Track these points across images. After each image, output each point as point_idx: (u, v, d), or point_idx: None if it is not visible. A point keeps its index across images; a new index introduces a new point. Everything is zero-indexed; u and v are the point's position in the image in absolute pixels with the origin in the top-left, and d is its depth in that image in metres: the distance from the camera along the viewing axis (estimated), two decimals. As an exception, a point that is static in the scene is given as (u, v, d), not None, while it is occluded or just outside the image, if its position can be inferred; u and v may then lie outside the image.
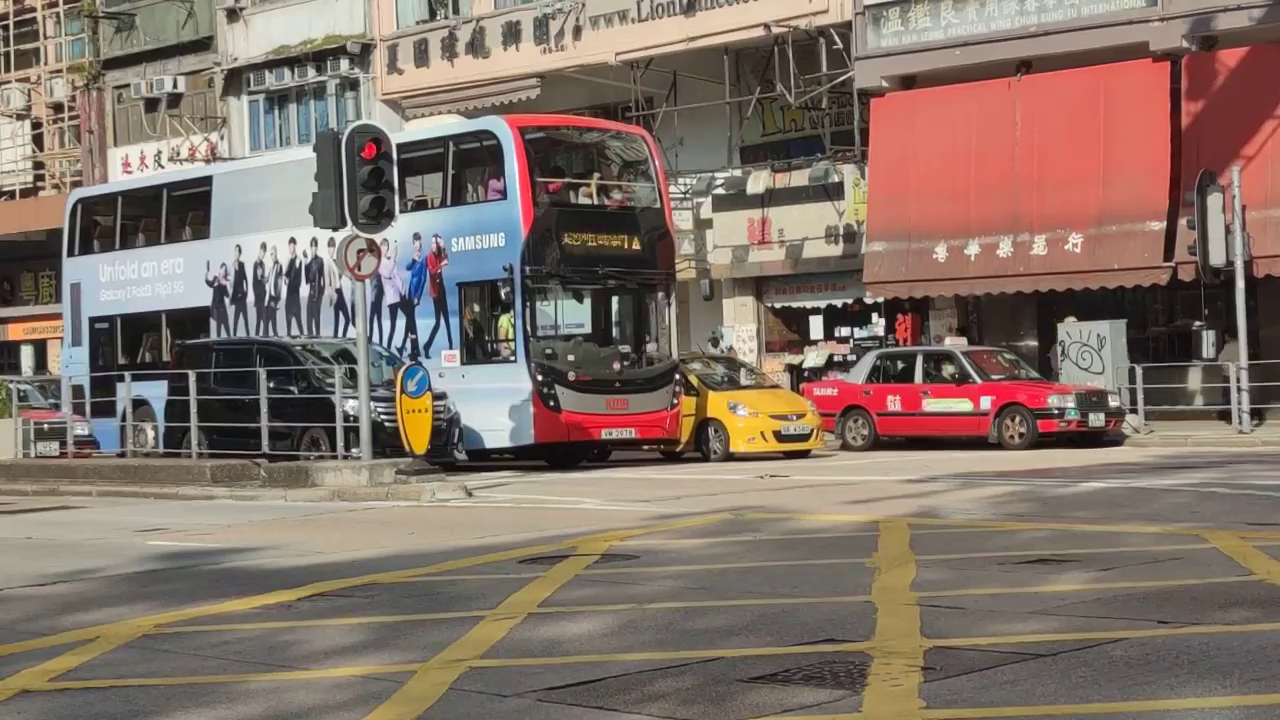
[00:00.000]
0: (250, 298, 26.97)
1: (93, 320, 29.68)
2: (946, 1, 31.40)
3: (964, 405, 26.35)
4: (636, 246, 24.59)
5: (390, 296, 24.64)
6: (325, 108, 39.74)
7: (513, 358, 23.19)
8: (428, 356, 23.85)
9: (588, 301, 24.54)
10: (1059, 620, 9.70)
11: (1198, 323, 29.19)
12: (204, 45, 42.92)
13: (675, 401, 24.19)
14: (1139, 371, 28.50)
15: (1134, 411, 28.01)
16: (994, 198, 28.65)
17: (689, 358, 27.85)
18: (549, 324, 23.16)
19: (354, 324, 23.29)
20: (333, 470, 22.53)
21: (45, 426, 28.10)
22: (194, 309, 27.61)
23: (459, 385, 23.23)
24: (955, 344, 29.73)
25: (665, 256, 25.19)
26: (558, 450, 23.18)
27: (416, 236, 24.37)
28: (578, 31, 34.87)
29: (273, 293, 26.77)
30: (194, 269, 26.94)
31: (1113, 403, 27.22)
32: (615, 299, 25.06)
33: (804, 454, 25.65)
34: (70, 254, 30.76)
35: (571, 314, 24.03)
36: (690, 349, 30.66)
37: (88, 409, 28.28)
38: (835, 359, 34.18)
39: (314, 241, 25.24)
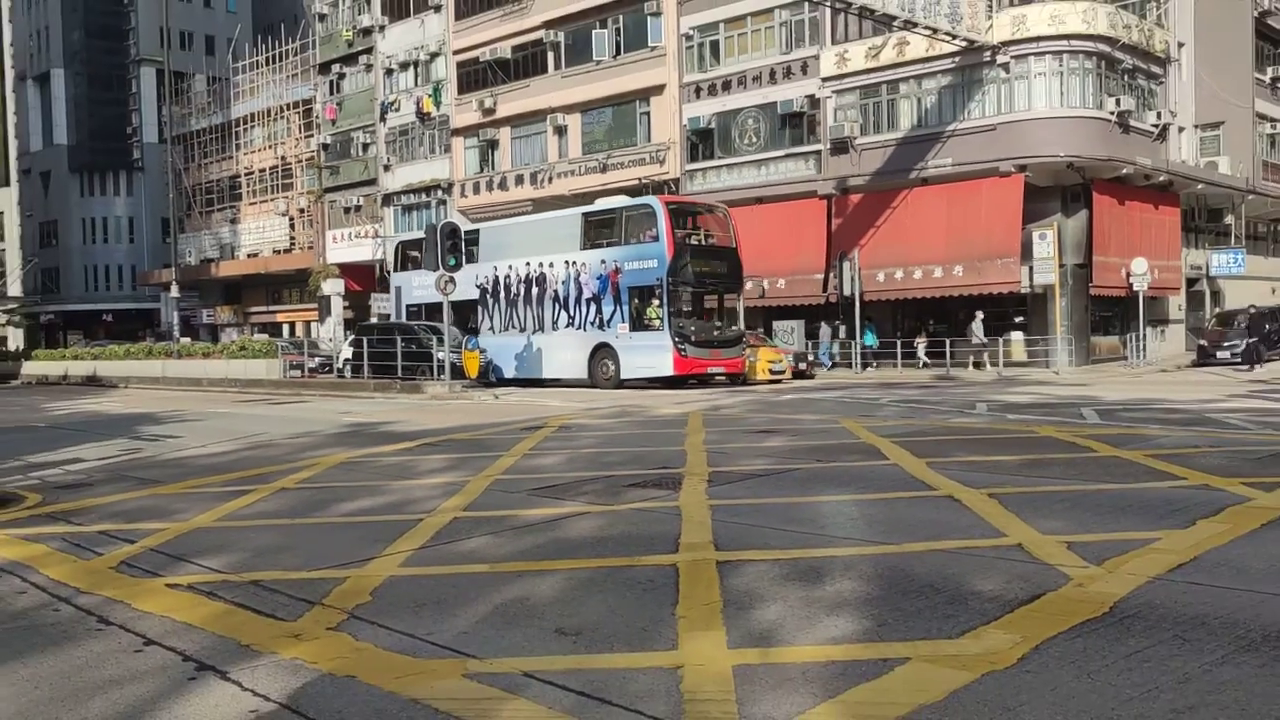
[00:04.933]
0: (502, 294, 29.78)
1: (408, 307, 32.33)
2: (722, 170, 37.39)
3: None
4: (724, 269, 27.07)
5: (586, 294, 27.22)
6: (431, 214, 44.99)
7: (661, 328, 25.45)
8: (609, 328, 26.72)
9: (698, 298, 27.08)
10: (771, 460, 10.60)
11: (836, 321, 33.89)
12: (372, 182, 49.40)
13: (744, 353, 27.17)
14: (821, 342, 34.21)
15: (818, 364, 32.73)
16: (761, 260, 32.38)
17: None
18: (678, 310, 25.79)
19: (542, 312, 28.50)
20: (430, 384, 25.85)
21: (291, 363, 33.28)
22: (468, 300, 29.89)
23: (627, 343, 26.30)
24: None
25: (738, 274, 27.47)
26: (678, 380, 26.07)
27: (603, 261, 26.87)
28: (550, 180, 40.66)
29: (516, 291, 29.41)
30: (467, 279, 28.75)
31: (810, 358, 31.98)
32: (713, 297, 27.64)
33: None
34: (395, 270, 33.77)
35: (690, 305, 26.62)
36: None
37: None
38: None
39: (540, 264, 28.64)
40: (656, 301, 25.80)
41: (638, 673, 4.17)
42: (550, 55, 41.02)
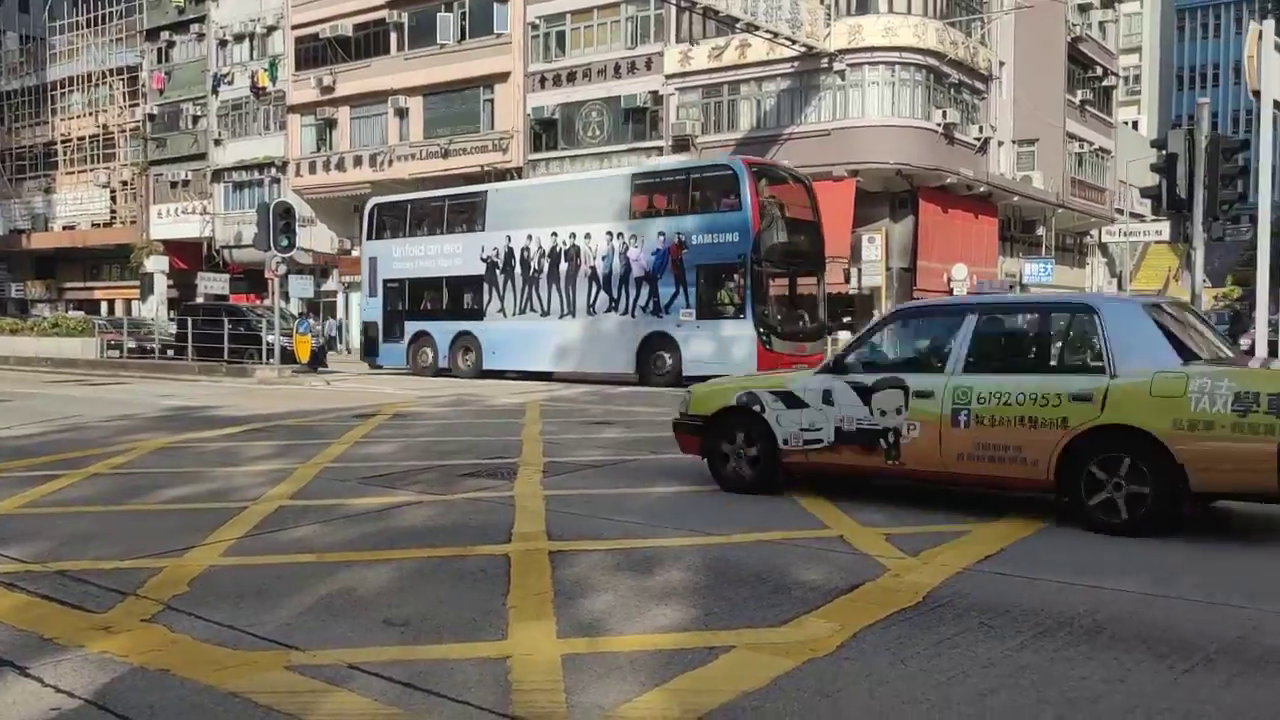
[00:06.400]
0: (517, 270, 24.83)
1: (386, 282, 27.31)
2: (566, 161, 36.66)
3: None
4: (808, 246, 22.85)
5: (636, 272, 22.71)
6: (264, 192, 43.22)
7: (741, 315, 21.17)
8: (668, 313, 22.35)
9: (781, 280, 22.52)
10: (607, 451, 10.69)
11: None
12: (202, 157, 47.16)
13: (826, 348, 23.06)
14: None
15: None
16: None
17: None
18: (763, 294, 21.32)
19: (573, 292, 23.89)
20: (259, 368, 25.05)
21: (109, 342, 31.10)
22: (470, 277, 25.55)
23: (692, 332, 21.91)
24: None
25: (821, 253, 23.38)
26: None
27: (661, 232, 22.43)
28: (390, 163, 39.90)
29: (536, 267, 24.61)
30: (470, 250, 25.20)
31: None
32: (795, 279, 22.99)
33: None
34: (369, 238, 28.19)
35: (772, 288, 22.02)
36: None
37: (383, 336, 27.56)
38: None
39: (572, 235, 24.02)
40: (735, 282, 21.64)
41: (466, 663, 4.14)
42: (394, 36, 40.28)
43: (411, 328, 26.74)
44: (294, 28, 42.86)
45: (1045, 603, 4.97)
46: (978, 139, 35.03)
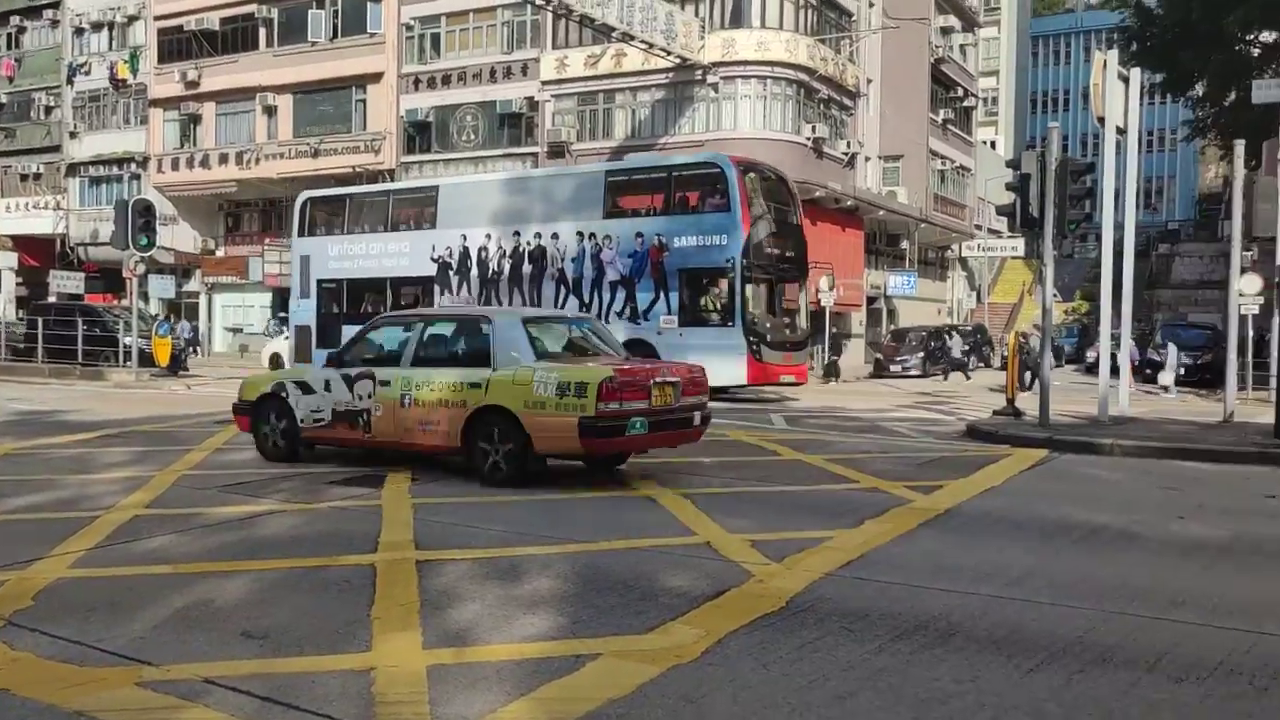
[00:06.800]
0: (474, 272, 23.18)
1: (321, 282, 25.35)
2: (439, 165, 35.99)
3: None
4: (794, 253, 21.89)
5: (610, 275, 21.25)
6: (124, 189, 41.49)
7: (730, 324, 19.96)
8: (646, 320, 20.90)
9: (768, 287, 21.34)
10: None
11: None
12: (56, 149, 45.21)
13: (809, 359, 22.55)
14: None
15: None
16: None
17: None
18: (750, 300, 20.25)
19: (537, 296, 22.40)
20: (116, 371, 24.20)
21: None
22: (420, 278, 23.76)
23: (676, 341, 20.34)
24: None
25: (805, 259, 22.51)
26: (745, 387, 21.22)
27: (639, 234, 21.02)
28: (258, 161, 38.90)
29: (495, 269, 22.94)
30: (420, 249, 23.46)
31: None
32: (780, 285, 21.79)
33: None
34: (301, 235, 26.03)
35: (758, 294, 20.91)
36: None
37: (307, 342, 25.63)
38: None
39: (538, 235, 22.42)
40: (722, 288, 20.44)
41: (328, 675, 4.06)
42: (262, 31, 39.17)
43: (349, 333, 24.34)
44: (157, 19, 41.29)
45: (903, 606, 5.12)
46: (846, 154, 35.80)
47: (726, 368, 19.38)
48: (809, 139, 32.97)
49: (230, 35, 39.77)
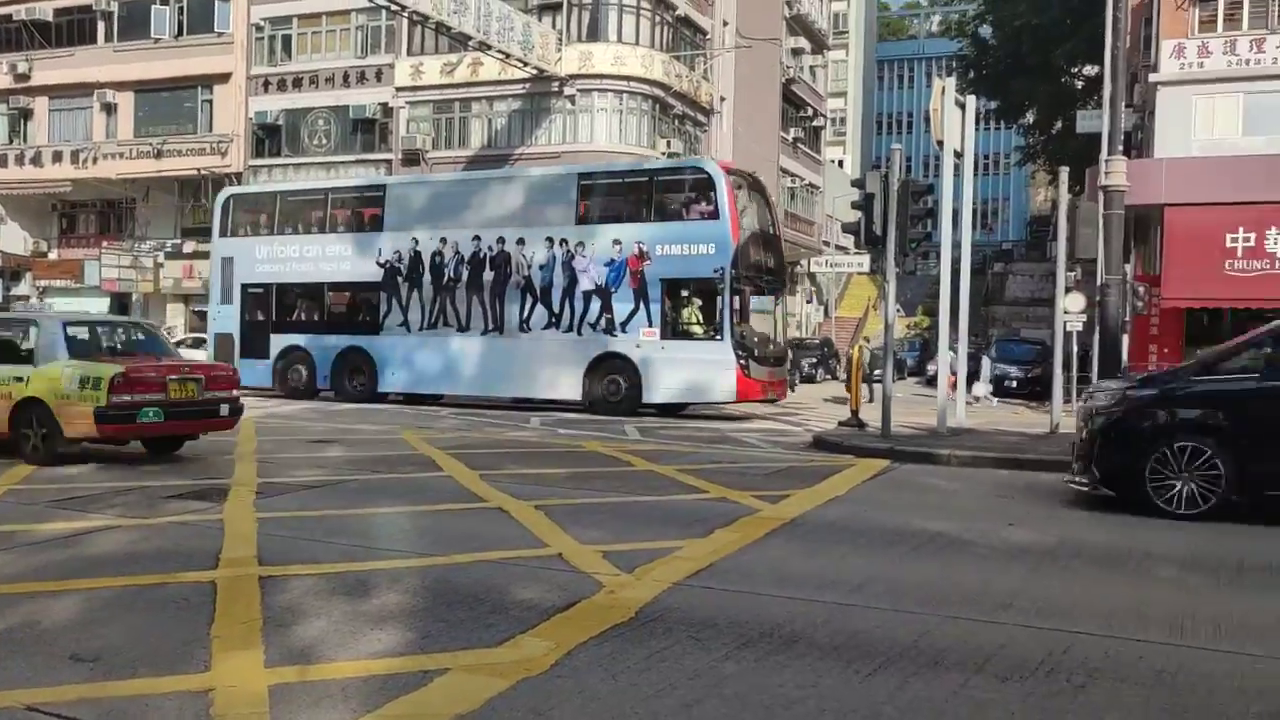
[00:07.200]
0: (426, 279, 21.55)
1: (246, 287, 23.38)
2: (289, 169, 35.21)
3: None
4: (775, 264, 20.85)
5: (584, 284, 19.98)
6: None
7: (718, 337, 18.91)
8: (624, 332, 19.67)
9: (752, 298, 20.45)
10: (327, 470, 10.47)
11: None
12: None
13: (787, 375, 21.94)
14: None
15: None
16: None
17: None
18: (739, 313, 19.28)
19: (500, 306, 20.87)
20: None
21: None
22: (365, 283, 22.20)
23: (658, 354, 19.35)
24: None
25: (784, 271, 21.75)
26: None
27: (616, 241, 19.76)
28: (96, 160, 37.66)
29: (452, 275, 21.33)
30: (366, 254, 21.94)
31: None
32: (762, 297, 20.95)
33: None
34: (223, 235, 23.80)
35: (744, 307, 19.83)
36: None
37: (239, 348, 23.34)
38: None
39: (500, 240, 20.88)
40: (708, 300, 19.42)
41: (164, 698, 3.91)
42: (101, 25, 37.51)
43: (280, 342, 22.94)
44: (-16, 7, 39.25)
45: (749, 614, 5.22)
46: (700, 169, 36.51)
47: (714, 383, 19.01)
48: (663, 153, 33.37)
49: (65, 27, 37.99)
